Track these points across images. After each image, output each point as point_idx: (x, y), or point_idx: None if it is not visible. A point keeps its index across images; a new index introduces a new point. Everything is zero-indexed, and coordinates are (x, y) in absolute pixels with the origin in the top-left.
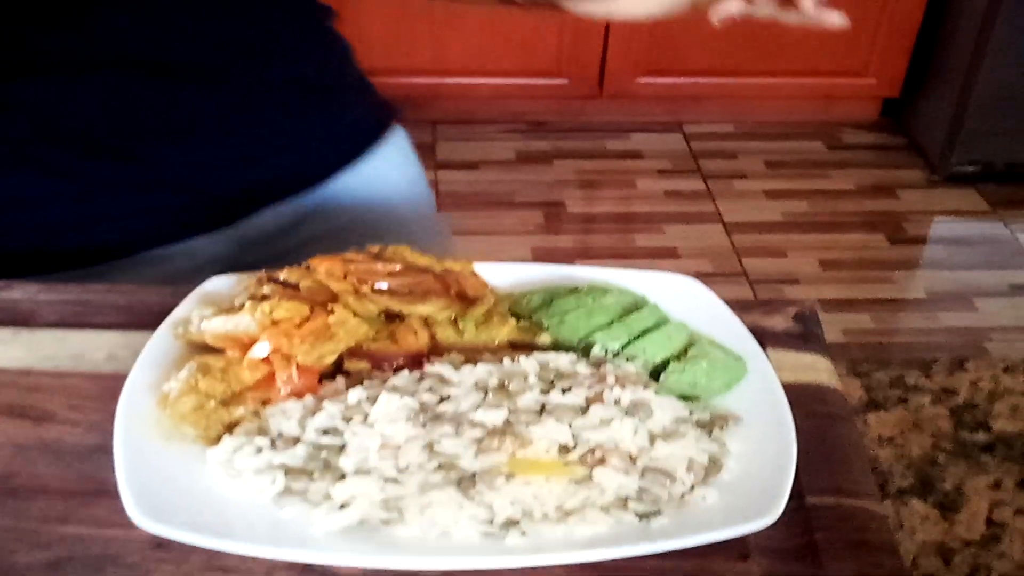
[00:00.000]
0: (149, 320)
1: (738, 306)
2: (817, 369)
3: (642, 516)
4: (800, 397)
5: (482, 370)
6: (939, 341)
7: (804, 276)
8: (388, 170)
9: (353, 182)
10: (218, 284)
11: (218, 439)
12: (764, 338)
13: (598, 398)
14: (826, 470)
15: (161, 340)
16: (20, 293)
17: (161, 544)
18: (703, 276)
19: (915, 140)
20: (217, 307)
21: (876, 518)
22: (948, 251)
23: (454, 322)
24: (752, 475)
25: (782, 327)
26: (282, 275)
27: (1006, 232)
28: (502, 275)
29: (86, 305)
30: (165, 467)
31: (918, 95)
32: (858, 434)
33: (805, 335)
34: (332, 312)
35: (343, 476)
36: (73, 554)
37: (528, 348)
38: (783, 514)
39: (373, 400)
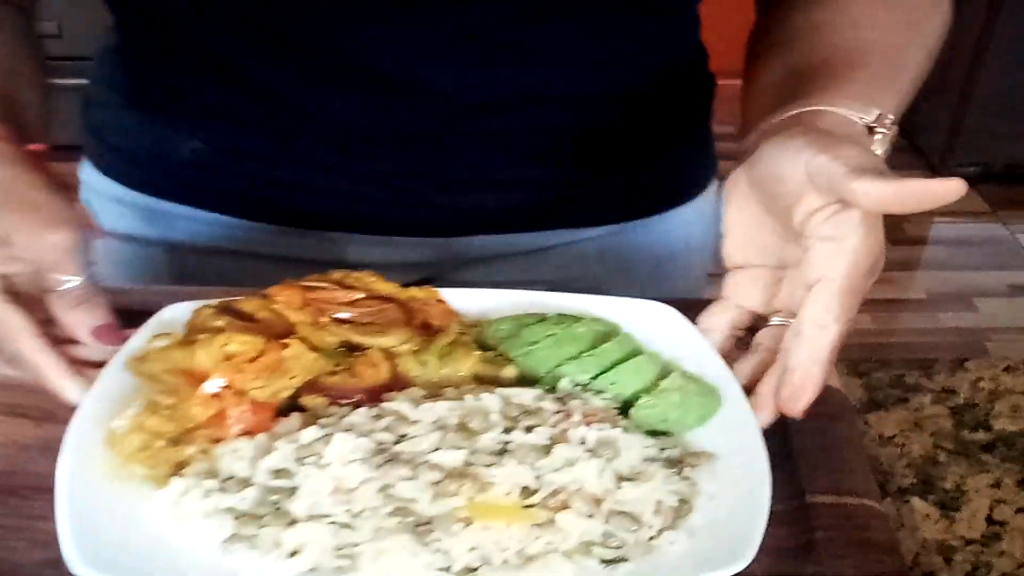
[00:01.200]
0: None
1: None
2: None
3: (607, 562)
4: None
5: (442, 407)
6: (939, 341)
7: None
8: (684, 226)
9: (647, 231)
10: (176, 313)
11: (167, 479)
12: None
13: (563, 437)
14: (827, 469)
15: (114, 372)
16: None
17: None
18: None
19: (915, 141)
20: (173, 338)
21: (877, 517)
22: (948, 252)
23: (416, 354)
24: (724, 516)
25: None
26: (239, 304)
27: (1006, 233)
28: (471, 302)
29: None
30: (111, 510)
31: (918, 96)
32: (859, 433)
33: None
34: (287, 346)
35: (294, 521)
36: None
37: (493, 381)
38: (784, 513)
39: (328, 440)
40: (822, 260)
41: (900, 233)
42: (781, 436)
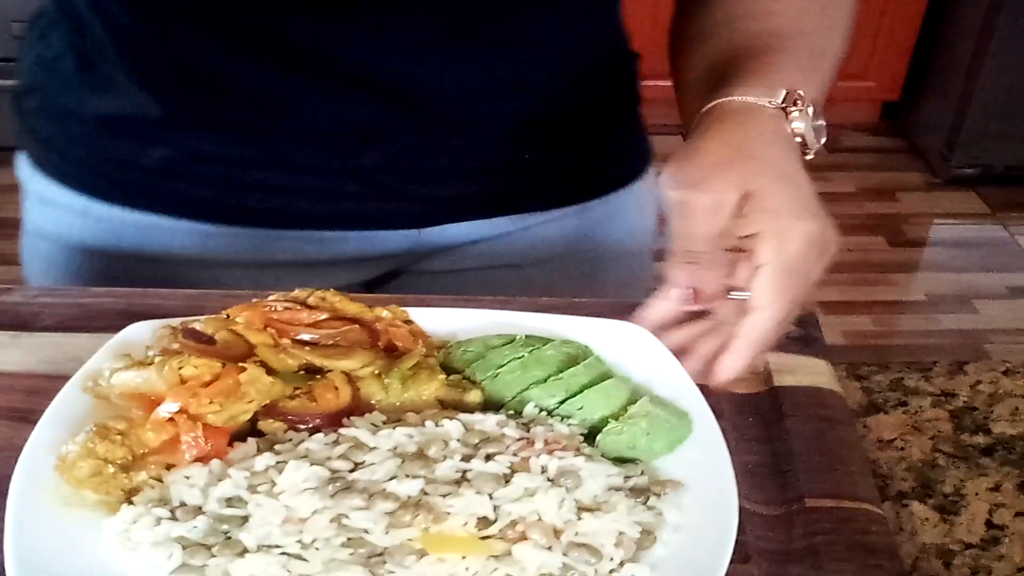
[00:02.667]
0: None
1: None
2: (817, 372)
3: None
4: (800, 400)
5: (401, 435)
6: (939, 343)
7: None
8: (623, 211)
9: (590, 215)
10: (138, 332)
11: (120, 504)
12: None
13: (523, 466)
14: (826, 473)
15: (71, 394)
16: (20, 297)
17: None
18: None
19: (915, 143)
20: (130, 359)
21: (876, 520)
22: (948, 254)
23: (379, 378)
24: (688, 549)
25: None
26: (199, 325)
27: (1006, 235)
28: (440, 321)
29: (85, 309)
30: (60, 536)
31: (918, 98)
32: (858, 437)
33: (805, 338)
34: (244, 369)
35: (244, 551)
36: None
37: (457, 406)
38: (784, 517)
39: (282, 467)
40: (760, 248)
41: (900, 235)
42: (780, 439)
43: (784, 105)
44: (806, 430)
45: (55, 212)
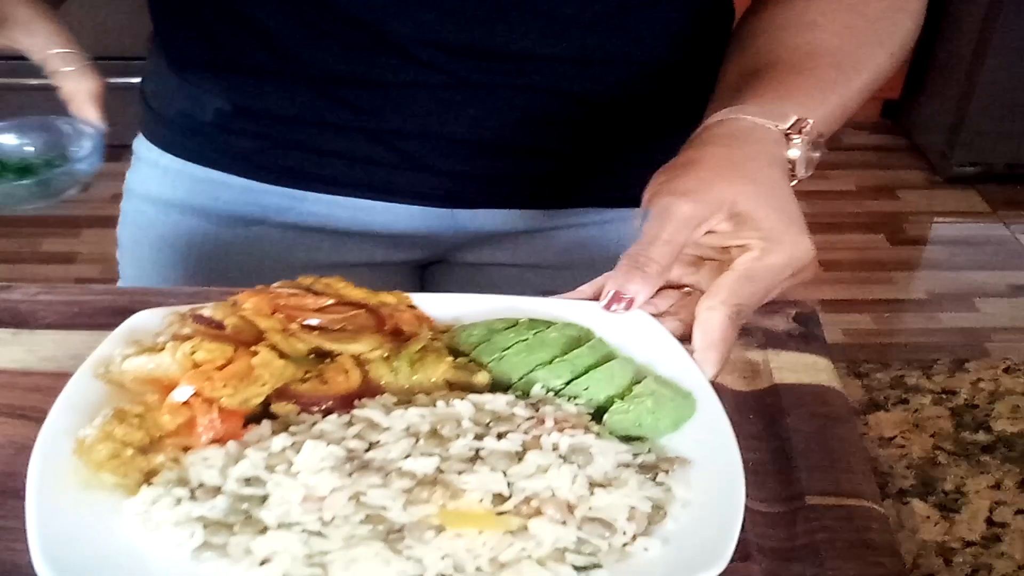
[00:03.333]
0: None
1: None
2: (818, 369)
3: (580, 569)
4: (801, 398)
5: (414, 414)
6: (940, 342)
7: None
8: None
9: None
10: (145, 319)
11: (138, 487)
12: (765, 338)
13: (535, 443)
14: (827, 470)
15: (83, 380)
16: (20, 294)
17: None
18: None
19: (915, 141)
20: (140, 345)
21: (877, 518)
22: (948, 252)
23: (387, 360)
24: (698, 522)
25: (783, 327)
26: (207, 311)
27: (1006, 233)
28: (443, 307)
29: (85, 306)
30: (81, 519)
31: (918, 96)
32: (859, 434)
33: (806, 335)
34: (256, 353)
35: (265, 529)
36: None
37: (465, 388)
38: (785, 514)
39: (298, 447)
40: (741, 256)
41: (900, 233)
42: (781, 437)
43: (789, 131)
44: (807, 428)
45: (139, 165)
